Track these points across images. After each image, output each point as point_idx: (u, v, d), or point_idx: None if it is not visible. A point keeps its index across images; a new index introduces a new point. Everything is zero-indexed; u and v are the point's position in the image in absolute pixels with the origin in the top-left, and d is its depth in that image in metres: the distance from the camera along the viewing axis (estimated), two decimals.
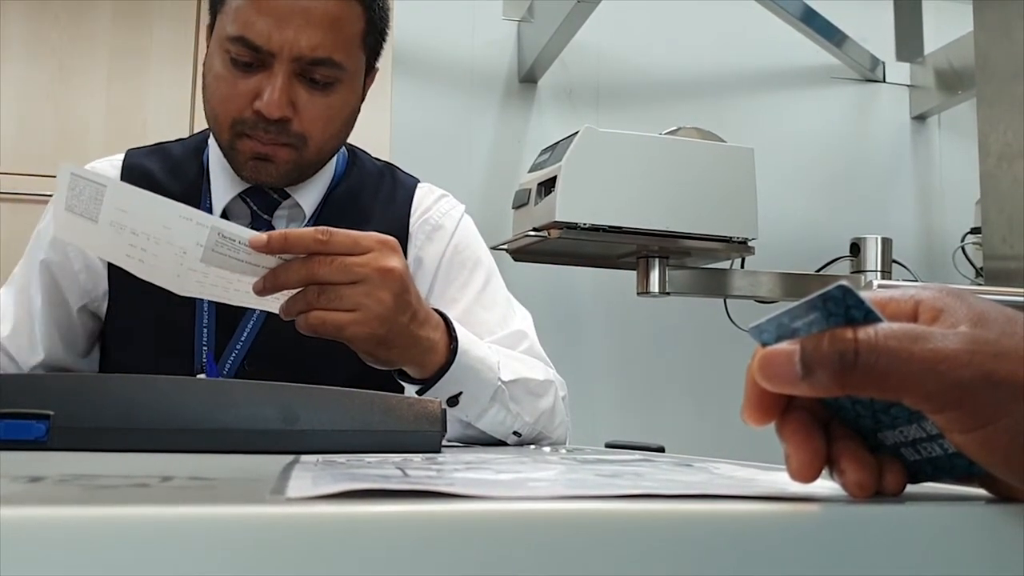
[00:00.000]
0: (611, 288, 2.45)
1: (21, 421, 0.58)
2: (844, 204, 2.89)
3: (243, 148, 1.00)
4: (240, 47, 0.97)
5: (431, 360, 0.86)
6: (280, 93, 0.96)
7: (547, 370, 1.04)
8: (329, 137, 1.03)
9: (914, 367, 0.31)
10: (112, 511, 0.26)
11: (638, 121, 2.49)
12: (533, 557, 0.28)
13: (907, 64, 2.98)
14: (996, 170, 1.76)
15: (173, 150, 1.14)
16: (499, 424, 0.94)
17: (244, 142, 1.00)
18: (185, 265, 0.77)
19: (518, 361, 0.99)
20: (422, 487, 0.31)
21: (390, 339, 0.82)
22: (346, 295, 0.78)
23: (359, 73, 1.04)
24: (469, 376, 0.89)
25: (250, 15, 0.96)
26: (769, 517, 0.31)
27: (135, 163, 1.11)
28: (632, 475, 0.41)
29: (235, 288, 0.80)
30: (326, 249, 0.77)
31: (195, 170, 1.10)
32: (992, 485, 0.35)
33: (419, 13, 2.61)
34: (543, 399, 0.98)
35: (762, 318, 0.35)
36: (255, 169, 1.01)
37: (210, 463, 0.49)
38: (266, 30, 0.95)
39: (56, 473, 0.38)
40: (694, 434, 2.61)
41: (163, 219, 0.75)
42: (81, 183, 0.75)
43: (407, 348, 0.84)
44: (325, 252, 0.77)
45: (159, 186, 1.07)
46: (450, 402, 0.89)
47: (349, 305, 0.79)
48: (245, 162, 1.01)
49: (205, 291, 0.81)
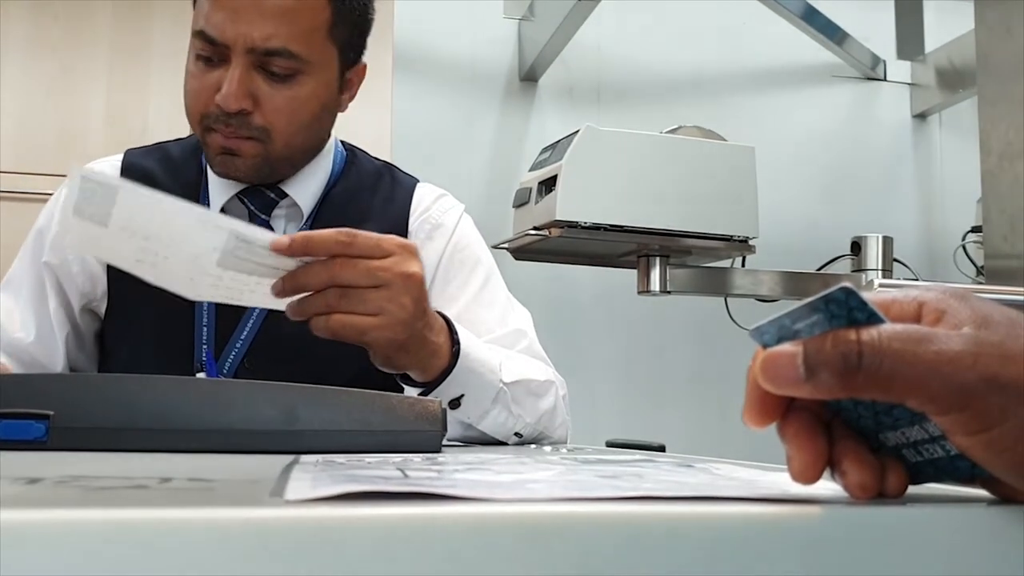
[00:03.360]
0: (612, 287, 2.45)
1: (20, 421, 0.58)
2: (845, 202, 2.89)
3: (211, 142, 1.01)
4: (202, 42, 0.99)
5: (435, 363, 0.86)
6: (236, 85, 0.97)
7: (547, 370, 1.04)
8: (296, 130, 1.02)
9: (919, 369, 0.31)
10: (110, 514, 0.26)
11: (639, 120, 2.48)
12: (534, 559, 0.28)
13: (908, 62, 2.98)
14: (997, 169, 1.76)
15: (171, 150, 1.14)
16: (500, 426, 0.94)
17: (211, 136, 1.01)
18: (199, 269, 0.74)
19: (519, 362, 0.98)
20: (422, 489, 0.31)
21: (407, 344, 0.82)
22: (369, 299, 0.77)
23: (328, 66, 1.03)
24: (471, 379, 0.89)
25: (209, 10, 0.98)
26: (771, 519, 0.30)
27: (135, 163, 1.11)
28: (633, 476, 0.41)
29: (250, 290, 0.78)
30: (349, 252, 0.76)
31: (194, 170, 1.10)
32: (994, 487, 0.35)
33: (420, 12, 2.60)
34: (544, 399, 0.98)
35: (763, 320, 0.34)
36: (223, 164, 1.02)
37: (209, 464, 0.48)
38: (221, 23, 0.97)
39: (55, 474, 0.38)
40: (695, 432, 2.61)
41: (178, 223, 0.73)
42: (92, 186, 0.71)
43: (418, 352, 0.84)
44: (348, 255, 0.76)
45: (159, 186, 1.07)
46: (452, 404, 0.89)
47: (372, 309, 0.77)
48: (214, 156, 1.02)
49: (219, 294, 0.78)
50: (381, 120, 2.27)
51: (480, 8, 2.73)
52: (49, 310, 1.06)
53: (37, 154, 2.23)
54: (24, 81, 2.27)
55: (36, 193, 2.17)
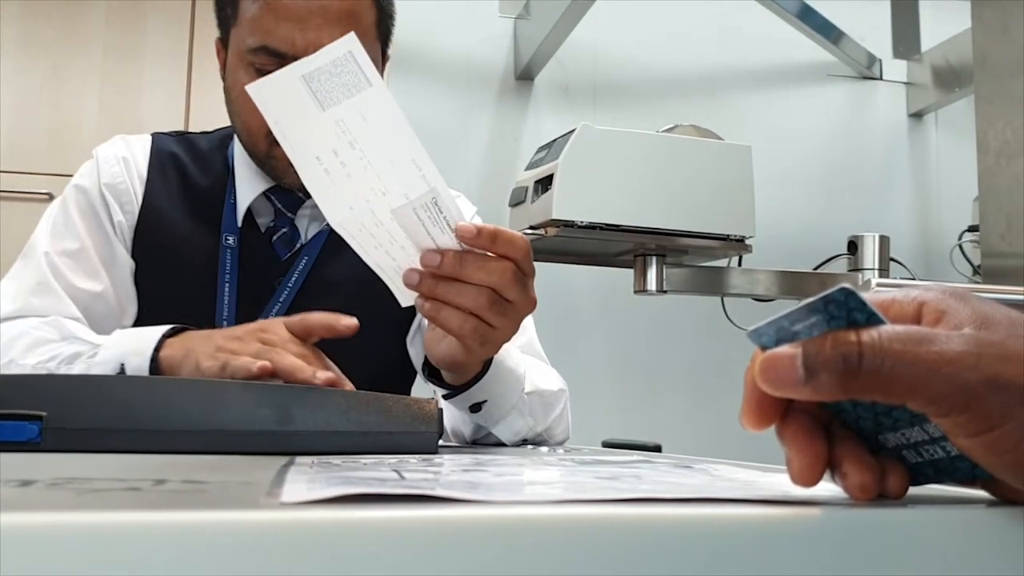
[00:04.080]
0: (608, 286, 2.45)
1: (13, 422, 0.58)
2: (841, 202, 2.88)
3: (281, 155, 0.98)
4: (264, 56, 0.96)
5: (472, 368, 0.86)
6: None
7: (559, 379, 1.05)
8: None
9: (919, 370, 0.31)
10: (104, 517, 0.26)
11: (635, 118, 2.48)
12: (532, 562, 0.28)
13: (904, 61, 2.98)
14: (994, 167, 1.76)
15: (198, 142, 1.14)
16: (513, 433, 0.94)
17: (280, 150, 0.99)
18: (371, 204, 0.68)
19: (536, 371, 0.99)
20: (419, 491, 0.30)
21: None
22: (508, 314, 0.75)
23: (377, 63, 1.03)
24: (497, 387, 0.89)
25: (269, 23, 0.95)
26: (771, 521, 0.30)
27: (163, 147, 1.11)
28: (631, 478, 0.41)
29: (386, 250, 0.72)
30: (524, 261, 0.73)
31: (221, 165, 1.10)
32: (994, 488, 0.35)
33: (415, 10, 2.60)
34: (555, 409, 0.99)
35: (761, 321, 0.34)
36: (296, 178, 1.00)
37: (204, 465, 0.48)
38: (288, 35, 0.94)
39: (48, 476, 0.38)
40: (691, 432, 2.61)
41: (395, 150, 0.67)
42: (349, 66, 0.64)
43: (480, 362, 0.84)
44: (521, 264, 0.73)
45: (188, 174, 1.07)
46: (472, 408, 0.89)
47: (502, 324, 0.75)
48: (286, 168, 0.97)
49: (360, 235, 0.72)
50: None
51: (476, 6, 2.72)
52: (119, 260, 1.05)
53: (30, 153, 2.23)
54: (17, 80, 2.26)
55: (29, 192, 2.17)
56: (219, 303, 1.02)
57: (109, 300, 1.04)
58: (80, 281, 1.03)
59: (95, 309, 1.02)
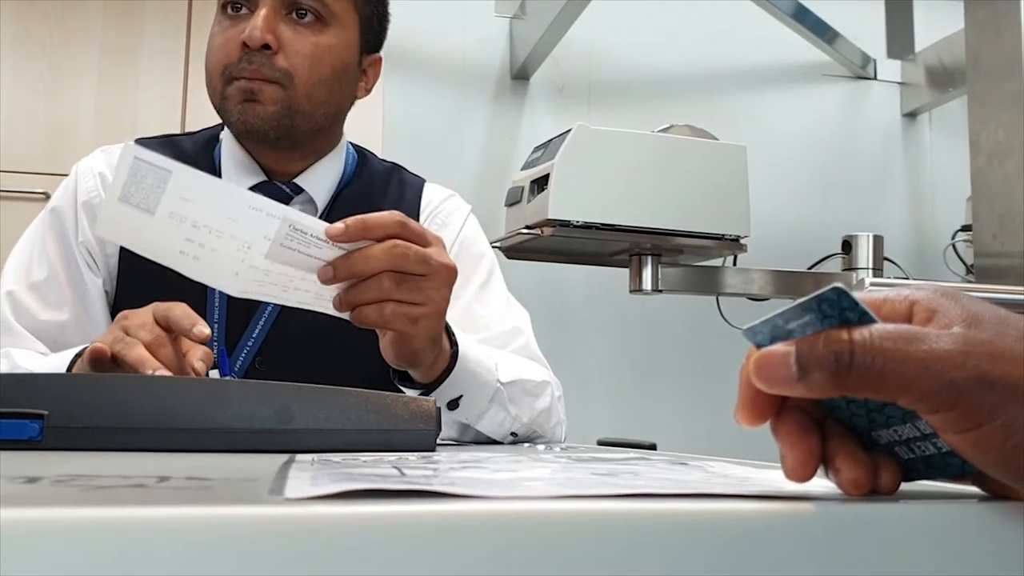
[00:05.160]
0: (604, 286, 2.45)
1: (15, 421, 0.58)
2: (835, 201, 2.89)
3: (232, 94, 1.01)
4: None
5: (438, 364, 0.86)
6: (263, 21, 0.99)
7: (544, 371, 1.04)
8: (318, 80, 1.03)
9: (909, 368, 0.31)
10: (112, 512, 0.26)
11: (630, 118, 2.49)
12: (531, 557, 0.28)
13: (898, 61, 2.99)
14: (987, 167, 1.76)
15: (183, 143, 1.14)
16: (498, 425, 0.94)
17: (233, 86, 1.01)
18: (247, 262, 0.71)
19: (515, 362, 0.99)
20: (420, 487, 0.31)
21: (438, 338, 0.82)
22: (423, 288, 0.76)
23: (349, 27, 1.06)
24: (469, 380, 0.89)
25: None
26: (765, 516, 0.31)
27: None
28: (628, 474, 0.41)
29: (295, 287, 0.74)
30: (403, 234, 0.74)
31: (207, 165, 1.10)
32: (985, 483, 0.36)
33: (411, 10, 2.60)
34: (540, 399, 0.98)
35: (756, 320, 0.35)
36: (244, 112, 1.01)
37: (205, 463, 0.49)
38: None
39: (53, 473, 0.38)
40: (686, 431, 2.62)
41: (230, 209, 0.69)
42: (144, 168, 0.67)
43: (435, 348, 0.84)
44: (404, 237, 0.74)
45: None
46: (450, 405, 0.89)
47: (422, 299, 0.76)
48: (235, 107, 1.01)
49: (263, 290, 0.75)
50: (372, 118, 2.27)
51: (471, 6, 2.72)
52: (87, 286, 1.05)
53: (27, 153, 2.22)
54: (14, 79, 2.26)
55: (25, 191, 2.17)
56: (209, 305, 1.02)
57: (78, 326, 1.04)
58: (44, 313, 1.04)
59: (64, 338, 1.03)
